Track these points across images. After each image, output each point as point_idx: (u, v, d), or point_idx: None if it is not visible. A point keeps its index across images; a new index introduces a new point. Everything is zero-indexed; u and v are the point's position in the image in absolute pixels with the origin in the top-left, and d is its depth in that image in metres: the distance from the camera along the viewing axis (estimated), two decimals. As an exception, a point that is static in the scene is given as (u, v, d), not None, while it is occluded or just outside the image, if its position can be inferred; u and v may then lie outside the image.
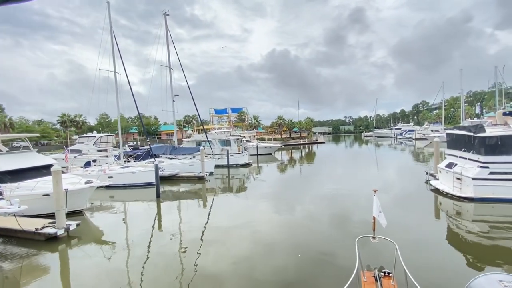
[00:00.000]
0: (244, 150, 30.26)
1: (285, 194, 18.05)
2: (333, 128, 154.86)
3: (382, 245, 6.18)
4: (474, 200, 12.04)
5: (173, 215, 13.96)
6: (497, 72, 48.96)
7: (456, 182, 12.76)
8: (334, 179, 22.10)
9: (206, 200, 17.00)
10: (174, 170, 21.63)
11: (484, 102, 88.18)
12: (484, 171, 11.83)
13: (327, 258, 7.88)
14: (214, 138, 29.07)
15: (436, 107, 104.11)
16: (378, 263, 5.71)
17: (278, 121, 78.55)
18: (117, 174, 19.10)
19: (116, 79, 19.74)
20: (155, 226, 12.30)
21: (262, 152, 40.13)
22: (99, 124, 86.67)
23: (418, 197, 15.20)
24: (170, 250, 9.29)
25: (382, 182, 19.65)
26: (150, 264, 8.25)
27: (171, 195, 18.25)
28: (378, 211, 5.47)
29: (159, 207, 15.15)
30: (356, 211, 12.66)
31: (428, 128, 67.74)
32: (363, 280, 4.83)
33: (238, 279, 7.08)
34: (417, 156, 38.65)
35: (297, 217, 12.48)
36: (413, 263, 6.46)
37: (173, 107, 24.32)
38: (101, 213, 14.63)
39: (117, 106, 20.01)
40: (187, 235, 10.72)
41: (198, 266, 7.86)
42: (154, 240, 10.35)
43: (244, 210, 14.30)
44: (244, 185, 21.58)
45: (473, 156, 12.33)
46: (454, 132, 14.07)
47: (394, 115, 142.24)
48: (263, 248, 8.91)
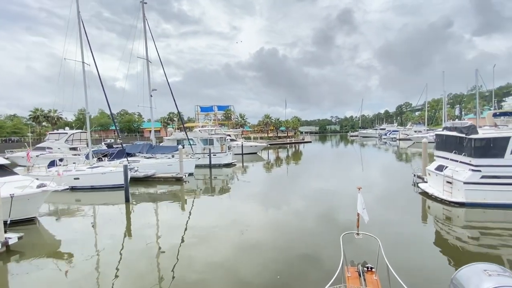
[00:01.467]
0: (228, 149, 28.94)
1: (270, 194, 17.31)
2: (319, 128, 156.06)
3: (365, 241, 6.38)
4: (465, 205, 11.41)
5: (146, 219, 12.58)
6: (477, 75, 50.08)
7: (447, 186, 12.12)
8: (320, 179, 21.37)
9: (185, 203, 15.70)
10: (150, 170, 20.03)
11: (463, 105, 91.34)
12: (476, 174, 11.22)
13: (313, 255, 8.02)
14: (196, 136, 27.55)
15: (418, 109, 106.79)
16: (361, 259, 5.79)
17: (265, 120, 77.60)
18: (84, 175, 17.32)
19: (84, 70, 17.89)
20: (124, 233, 10.93)
21: (247, 152, 38.95)
22: (77, 120, 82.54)
23: (405, 200, 14.66)
24: (142, 259, 8.18)
25: (368, 184, 19.05)
26: (118, 275, 7.15)
27: (145, 197, 16.73)
28: (362, 208, 5.61)
29: (129, 212, 13.66)
30: (341, 209, 12.67)
31: (412, 128, 69.01)
32: (347, 275, 4.93)
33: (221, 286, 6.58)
34: (401, 156, 38.76)
35: (283, 217, 12.24)
36: (397, 259, 6.68)
37: (150, 103, 22.66)
38: (62, 219, 12.95)
39: (85, 100, 18.19)
40: (162, 241, 9.69)
41: (175, 274, 7.08)
42: (122, 248, 9.15)
43: (226, 212, 13.33)
44: (226, 186, 20.38)
45: (464, 158, 11.71)
46: (444, 133, 13.45)
47: (379, 116, 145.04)
48: (247, 250, 8.57)
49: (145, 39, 22.34)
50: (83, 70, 17.88)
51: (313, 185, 19.15)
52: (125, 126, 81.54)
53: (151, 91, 22.48)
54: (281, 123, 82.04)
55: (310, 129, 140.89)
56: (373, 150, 50.97)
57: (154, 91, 22.65)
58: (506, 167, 10.89)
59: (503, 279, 2.70)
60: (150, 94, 22.50)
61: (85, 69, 18.33)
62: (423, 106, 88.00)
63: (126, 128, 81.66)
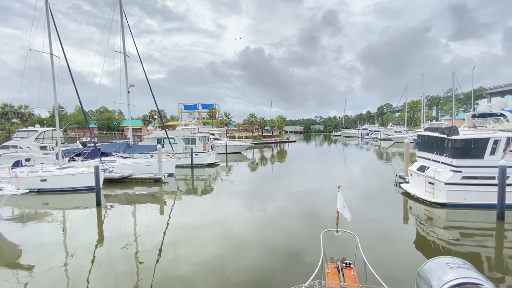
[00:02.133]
0: (211, 149, 28.14)
1: (254, 194, 16.97)
2: (304, 127, 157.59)
3: (346, 238, 6.62)
4: (446, 205, 11.47)
5: (121, 223, 11.78)
6: (454, 78, 52.29)
7: (428, 187, 12.15)
8: (303, 178, 21.19)
9: (164, 204, 14.96)
10: (127, 171, 18.92)
11: (440, 106, 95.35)
12: (457, 175, 11.29)
13: (296, 253, 8.13)
14: (177, 135, 26.52)
15: (398, 110, 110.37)
16: (341, 255, 5.87)
17: (250, 119, 77.04)
18: (53, 177, 16.01)
19: (52, 62, 16.52)
20: (97, 239, 10.08)
21: (231, 151, 38.29)
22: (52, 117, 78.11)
23: (387, 200, 14.72)
24: (116, 267, 7.60)
25: (351, 183, 19.09)
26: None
27: (121, 199, 15.70)
28: (342, 206, 5.73)
29: (100, 216, 12.69)
30: (324, 207, 12.83)
31: (392, 129, 70.98)
32: (326, 271, 5.04)
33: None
34: (383, 156, 39.55)
35: (266, 216, 12.23)
36: (376, 256, 7.14)
37: (128, 99, 21.43)
38: (25, 225, 11.78)
39: (54, 95, 16.81)
40: (139, 246, 9.19)
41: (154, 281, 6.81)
42: (94, 256, 8.42)
43: (208, 214, 12.88)
44: (209, 186, 19.68)
45: (446, 159, 11.78)
46: (426, 134, 13.53)
47: (361, 116, 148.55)
48: (229, 252, 8.43)
49: (122, 32, 21.12)
50: (51, 62, 16.50)
51: (297, 184, 19.15)
52: (104, 124, 78.06)
53: (128, 87, 21.29)
54: (266, 123, 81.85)
55: (295, 128, 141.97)
56: (355, 150, 51.83)
57: (132, 87, 21.47)
58: (485, 167, 11.02)
59: (463, 271, 2.85)
60: (127, 91, 21.31)
61: (53, 61, 16.94)
62: (403, 107, 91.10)
63: (105, 126, 78.23)
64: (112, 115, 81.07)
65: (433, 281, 2.97)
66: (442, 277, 2.89)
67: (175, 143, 26.16)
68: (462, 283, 2.68)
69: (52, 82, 16.96)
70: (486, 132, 11.34)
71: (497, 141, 10.89)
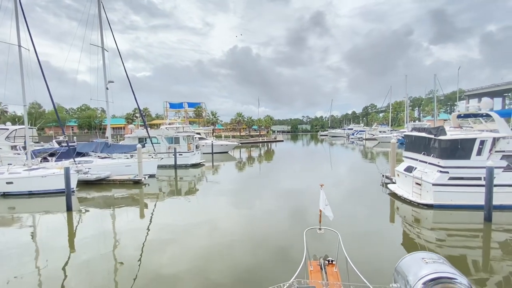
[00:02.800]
0: (196, 148, 27.23)
1: (239, 195, 16.52)
2: (291, 127, 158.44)
3: (329, 235, 6.66)
4: (433, 207, 11.33)
5: (95, 229, 10.91)
6: (435, 79, 53.81)
7: (416, 188, 11.99)
8: (290, 178, 20.84)
9: (145, 207, 14.09)
10: (104, 172, 17.78)
11: (422, 107, 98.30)
12: (444, 176, 11.17)
13: (281, 251, 8.24)
14: (159, 134, 25.43)
15: (382, 110, 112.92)
16: (324, 253, 5.88)
17: (237, 118, 76.24)
18: (20, 179, 14.72)
19: (20, 55, 15.17)
20: (67, 246, 9.20)
21: (218, 151, 37.45)
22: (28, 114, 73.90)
23: (374, 201, 14.58)
24: (89, 276, 7.06)
25: (337, 183, 18.91)
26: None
27: (97, 203, 14.63)
28: (324, 204, 5.79)
29: (71, 222, 11.69)
30: (309, 207, 12.59)
31: (377, 129, 72.33)
32: (310, 269, 5.07)
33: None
34: (368, 155, 39.95)
35: (252, 217, 12.16)
36: (359, 254, 7.30)
37: (106, 96, 20.19)
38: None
39: (22, 89, 15.44)
40: (117, 253, 8.49)
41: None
42: (66, 264, 7.76)
43: (191, 216, 12.37)
44: (193, 187, 18.92)
45: (433, 160, 11.65)
46: (413, 134, 13.41)
47: (346, 116, 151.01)
48: (213, 251, 8.33)
49: (100, 25, 19.83)
50: (20, 54, 15.14)
51: (283, 185, 18.98)
52: (84, 122, 74.90)
53: (107, 83, 20.07)
54: (254, 122, 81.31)
55: (282, 128, 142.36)
56: (341, 150, 52.29)
57: (111, 83, 20.26)
58: (471, 168, 10.95)
59: (438, 266, 2.93)
60: (106, 87, 20.08)
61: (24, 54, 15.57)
62: (387, 107, 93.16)
63: (86, 124, 75.09)
64: (93, 113, 77.94)
65: (409, 276, 3.03)
66: (418, 272, 2.95)
67: (158, 142, 25.08)
68: (437, 278, 2.74)
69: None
70: (473, 133, 11.30)
71: (484, 141, 10.85)
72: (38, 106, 77.96)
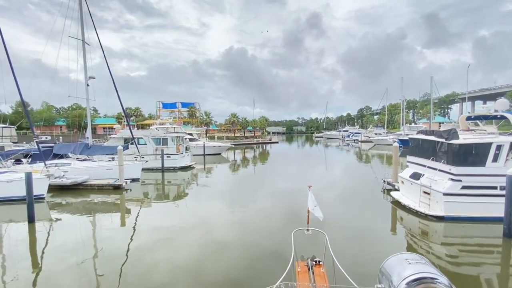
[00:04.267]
0: (186, 150, 25.75)
1: (231, 199, 15.33)
2: (287, 129, 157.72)
3: (316, 236, 6.56)
4: (444, 219, 10.15)
5: (65, 241, 9.38)
6: (432, 82, 53.25)
7: (424, 197, 10.81)
8: (284, 183, 19.50)
9: (126, 215, 12.77)
10: (82, 176, 16.20)
11: (416, 110, 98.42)
12: (456, 184, 10.01)
13: (271, 252, 8.20)
14: (146, 135, 23.89)
15: (377, 112, 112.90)
16: (311, 253, 5.83)
17: (232, 119, 74.84)
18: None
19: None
20: (31, 261, 7.97)
21: (210, 152, 36.00)
22: (15, 113, 71.74)
23: (375, 208, 13.49)
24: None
25: (334, 188, 17.67)
26: None
27: (71, 211, 13.08)
28: (313, 205, 5.77)
29: (33, 233, 10.19)
30: (302, 209, 12.51)
31: (373, 131, 71.72)
32: (297, 270, 5.10)
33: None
34: (365, 158, 38.94)
35: (244, 219, 11.90)
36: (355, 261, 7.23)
37: (87, 93, 18.62)
38: None
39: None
40: (86, 268, 7.39)
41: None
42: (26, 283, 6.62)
43: (177, 226, 11.01)
44: (181, 192, 17.52)
45: (443, 166, 10.47)
46: (419, 137, 12.24)
47: (342, 118, 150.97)
48: (200, 257, 8.06)
49: (81, 15, 18.27)
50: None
51: (277, 188, 18.38)
52: (73, 122, 72.53)
53: (87, 79, 18.51)
54: (248, 123, 79.99)
55: (277, 129, 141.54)
56: (337, 152, 51.33)
57: (92, 79, 18.71)
58: (486, 176, 9.82)
59: (420, 266, 3.00)
60: (86, 83, 18.52)
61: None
62: (382, 110, 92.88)
63: (75, 124, 72.77)
64: (82, 112, 75.58)
65: (393, 276, 3.08)
66: (401, 272, 3.00)
67: (145, 143, 23.55)
68: (420, 278, 2.82)
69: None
70: (488, 137, 10.16)
71: (500, 146, 9.73)
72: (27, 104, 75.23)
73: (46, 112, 73.76)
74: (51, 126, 75.16)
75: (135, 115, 76.79)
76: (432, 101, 56.78)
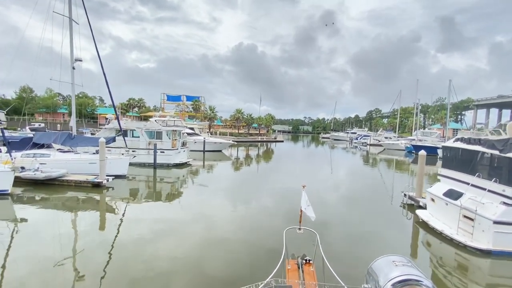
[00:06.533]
0: (182, 146, 23.73)
1: (227, 202, 13.65)
2: (292, 128, 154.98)
3: (308, 236, 6.53)
4: (492, 253, 7.87)
5: (26, 249, 7.54)
6: (450, 85, 49.98)
7: (465, 223, 8.53)
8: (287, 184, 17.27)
9: (107, 216, 11.21)
10: (58, 170, 14.27)
11: (428, 115, 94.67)
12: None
13: (263, 250, 8.17)
14: (139, 127, 21.91)
15: (387, 116, 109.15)
16: (303, 252, 5.71)
17: (236, 115, 72.59)
18: None
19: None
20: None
21: (211, 149, 33.97)
22: (19, 98, 70.94)
23: (390, 224, 11.49)
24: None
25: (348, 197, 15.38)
26: None
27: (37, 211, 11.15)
28: (306, 205, 5.82)
29: None
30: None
31: (382, 134, 68.68)
32: (287, 268, 5.15)
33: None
34: (375, 163, 36.31)
35: (239, 217, 11.61)
36: None
37: (72, 77, 16.68)
38: None
39: None
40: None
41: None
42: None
43: (163, 231, 9.50)
44: (171, 192, 15.65)
45: (495, 186, 8.16)
46: (458, 146, 9.89)
47: (349, 120, 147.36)
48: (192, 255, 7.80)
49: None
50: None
51: (276, 190, 17.03)
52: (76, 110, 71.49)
53: (73, 62, 16.55)
54: (254, 120, 77.63)
55: (283, 128, 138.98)
56: (345, 155, 48.85)
57: (78, 61, 16.75)
58: (554, 202, 7.49)
59: (407, 269, 3.01)
60: (72, 66, 16.57)
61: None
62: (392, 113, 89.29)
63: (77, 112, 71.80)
64: (85, 101, 74.50)
65: (380, 277, 3.07)
66: (388, 274, 3.02)
67: (137, 136, 21.61)
68: (405, 280, 2.85)
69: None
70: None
71: None
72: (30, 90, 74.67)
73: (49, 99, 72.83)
74: (53, 113, 74.20)
75: (138, 106, 75.32)
76: (443, 107, 53.62)
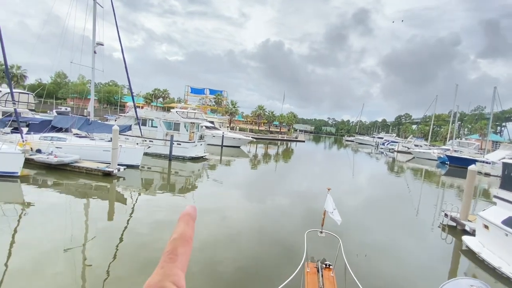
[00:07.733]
0: (200, 139, 23.02)
1: (241, 200, 12.91)
2: (315, 128, 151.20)
3: (329, 240, 6.31)
4: None
5: (26, 235, 7.10)
6: (495, 92, 45.13)
7: (533, 263, 6.72)
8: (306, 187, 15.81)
9: (115, 206, 10.72)
10: (71, 155, 13.96)
11: (464, 123, 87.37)
12: None
13: (283, 249, 8.03)
14: (158, 117, 21.44)
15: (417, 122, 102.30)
16: (322, 256, 5.67)
17: (258, 111, 71.45)
18: None
19: None
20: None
21: (229, 144, 33.17)
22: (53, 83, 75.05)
23: (425, 247, 9.87)
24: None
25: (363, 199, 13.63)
26: None
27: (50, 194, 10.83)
28: (332, 208, 5.67)
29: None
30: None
31: (412, 142, 64.20)
32: (306, 270, 5.12)
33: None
34: (407, 174, 33.47)
35: (259, 216, 11.24)
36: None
37: (93, 62, 16.39)
38: None
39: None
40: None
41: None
42: None
43: (169, 226, 8.59)
44: (185, 187, 15.09)
45: None
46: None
47: (376, 123, 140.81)
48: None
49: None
50: None
51: (295, 191, 16.16)
52: (104, 97, 74.22)
53: (95, 45, 16.23)
54: (275, 117, 76.10)
55: (305, 127, 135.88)
56: (370, 160, 46.04)
57: (100, 46, 16.41)
58: None
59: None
60: (93, 50, 16.26)
61: None
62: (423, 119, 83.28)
63: (105, 100, 74.48)
64: (113, 89, 77.13)
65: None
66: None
67: (155, 126, 21.18)
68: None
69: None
70: None
71: None
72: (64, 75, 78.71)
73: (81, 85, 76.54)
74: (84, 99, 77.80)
75: (163, 97, 76.62)
76: (483, 116, 48.58)
